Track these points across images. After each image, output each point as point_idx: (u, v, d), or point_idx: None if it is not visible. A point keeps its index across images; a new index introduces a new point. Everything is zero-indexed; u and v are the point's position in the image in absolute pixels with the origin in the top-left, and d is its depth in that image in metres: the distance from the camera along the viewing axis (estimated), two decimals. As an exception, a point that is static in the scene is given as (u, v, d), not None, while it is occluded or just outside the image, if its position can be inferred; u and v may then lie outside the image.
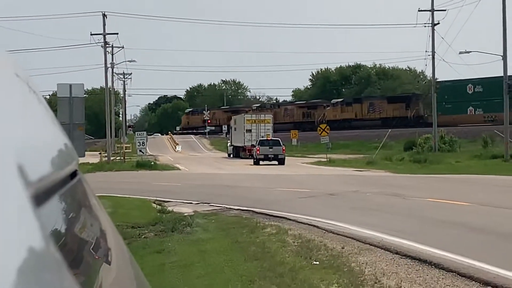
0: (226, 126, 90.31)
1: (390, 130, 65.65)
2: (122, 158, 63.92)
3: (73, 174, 1.33)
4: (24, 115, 1.18)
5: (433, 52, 60.96)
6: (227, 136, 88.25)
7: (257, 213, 19.79)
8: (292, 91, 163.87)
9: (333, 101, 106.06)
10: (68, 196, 1.23)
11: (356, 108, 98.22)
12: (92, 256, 1.18)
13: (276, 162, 56.39)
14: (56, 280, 0.93)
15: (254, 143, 65.80)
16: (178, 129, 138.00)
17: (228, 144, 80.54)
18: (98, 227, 1.35)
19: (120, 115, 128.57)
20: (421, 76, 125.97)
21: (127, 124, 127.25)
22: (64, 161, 1.28)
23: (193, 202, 23.78)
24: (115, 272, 1.28)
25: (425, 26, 61.50)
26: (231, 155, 75.90)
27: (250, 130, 71.45)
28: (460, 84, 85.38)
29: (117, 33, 72.03)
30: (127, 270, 1.46)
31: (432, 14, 60.66)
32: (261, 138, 63.52)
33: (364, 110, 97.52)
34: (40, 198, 1.00)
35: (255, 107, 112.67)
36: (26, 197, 0.94)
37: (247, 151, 69.13)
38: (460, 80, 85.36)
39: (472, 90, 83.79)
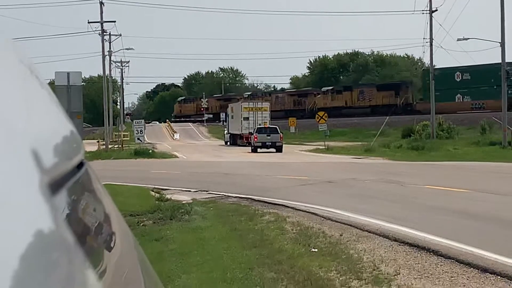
0: (224, 114, 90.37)
1: (387, 117, 65.69)
2: (120, 146, 63.94)
3: (81, 163, 1.33)
4: (32, 102, 1.17)
5: (431, 39, 60.93)
6: (224, 124, 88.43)
7: (255, 200, 19.80)
8: (290, 79, 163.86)
9: (324, 89, 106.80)
10: (79, 185, 1.23)
11: (346, 96, 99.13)
12: (96, 240, 1.18)
13: (274, 150, 56.53)
14: (67, 262, 0.94)
15: (251, 131, 66.07)
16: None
17: (225, 132, 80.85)
18: (103, 212, 1.35)
19: (118, 103, 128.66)
20: (419, 63, 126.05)
21: (125, 112, 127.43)
22: (73, 150, 1.28)
23: (191, 190, 23.79)
24: (120, 256, 1.29)
25: (423, 13, 61.51)
26: (228, 143, 76.14)
27: (247, 118, 71.69)
28: (448, 72, 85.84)
29: (114, 21, 72.24)
30: (132, 255, 1.47)
31: (430, 1, 60.62)
32: (258, 126, 63.54)
33: (354, 98, 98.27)
34: (54, 186, 1.01)
35: (247, 95, 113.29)
36: (41, 184, 0.94)
37: (244, 139, 69.27)
38: (448, 68, 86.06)
39: (460, 78, 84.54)
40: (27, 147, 0.97)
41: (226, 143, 77.51)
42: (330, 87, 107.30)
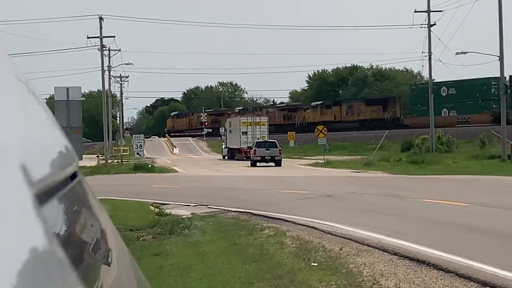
0: (223, 129, 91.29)
1: (387, 131, 65.73)
2: (119, 161, 63.90)
3: (73, 175, 1.34)
4: (25, 116, 1.18)
5: (430, 53, 60.99)
6: (222, 138, 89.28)
7: (255, 215, 19.78)
8: (289, 93, 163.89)
9: (313, 103, 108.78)
10: (69, 196, 1.24)
11: (335, 111, 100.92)
12: (92, 256, 1.18)
13: (273, 164, 56.63)
14: (59, 278, 0.94)
15: (250, 145, 66.95)
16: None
17: (223, 146, 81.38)
18: (99, 228, 1.35)
19: (118, 118, 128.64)
20: (418, 77, 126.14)
21: (124, 127, 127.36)
22: (64, 162, 1.29)
23: (191, 204, 23.77)
24: (115, 273, 1.29)
25: (421, 27, 61.56)
26: (226, 157, 76.67)
27: (246, 132, 72.29)
28: (434, 86, 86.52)
29: (114, 36, 72.18)
30: (128, 271, 1.46)
31: (429, 15, 60.69)
32: (257, 140, 63.84)
33: (343, 113, 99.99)
34: (42, 197, 1.02)
35: (238, 110, 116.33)
36: (30, 196, 0.96)
37: (243, 153, 69.93)
38: (434, 83, 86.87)
39: (446, 93, 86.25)
40: (15, 160, 0.98)
41: (224, 157, 78.01)
42: (320, 102, 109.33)
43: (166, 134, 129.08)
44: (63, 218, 1.12)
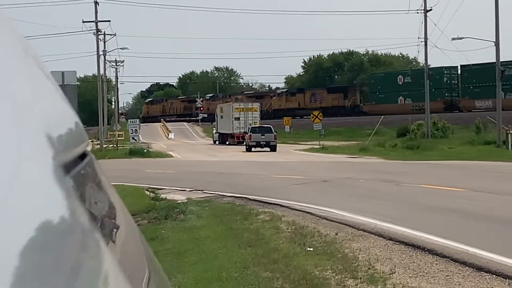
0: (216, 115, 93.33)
1: (383, 116, 65.80)
2: (114, 145, 63.85)
3: (84, 153, 1.35)
4: (40, 89, 1.19)
5: (426, 38, 60.97)
6: (213, 123, 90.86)
7: (250, 200, 19.78)
8: (285, 78, 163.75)
9: (278, 91, 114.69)
10: (84, 172, 1.25)
11: (299, 98, 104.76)
12: (106, 231, 1.19)
13: (268, 149, 56.76)
14: (85, 245, 0.98)
15: (242, 130, 69.72)
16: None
17: (214, 131, 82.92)
18: (111, 205, 1.37)
19: (113, 103, 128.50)
20: (414, 63, 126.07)
21: (120, 111, 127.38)
22: (79, 138, 1.30)
23: (186, 189, 23.76)
24: (126, 247, 1.30)
25: (417, 13, 61.53)
26: (217, 142, 77.98)
27: (238, 118, 73.64)
28: (391, 75, 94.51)
29: (109, 21, 72.10)
30: (138, 247, 1.48)
31: (425, 0, 60.62)
32: (253, 126, 64.20)
33: (307, 100, 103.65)
34: (66, 168, 1.05)
35: (208, 97, 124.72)
36: (57, 165, 0.98)
37: (235, 138, 71.59)
38: (391, 72, 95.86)
39: (402, 81, 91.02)
40: (41, 129, 1.01)
41: (214, 142, 79.54)
42: (285, 89, 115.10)
43: (162, 120, 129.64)
44: (80, 193, 1.13)
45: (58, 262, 0.85)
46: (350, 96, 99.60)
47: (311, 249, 11.90)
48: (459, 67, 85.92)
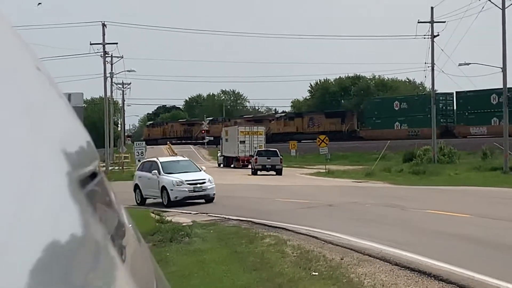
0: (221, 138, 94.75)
1: (389, 141, 65.79)
2: (120, 168, 63.88)
3: (95, 172, 1.36)
4: (54, 106, 1.20)
5: (433, 64, 60.95)
6: (217, 146, 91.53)
7: (256, 223, 19.75)
8: (291, 102, 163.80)
9: (277, 115, 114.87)
10: (95, 190, 1.26)
11: (298, 123, 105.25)
12: (117, 248, 1.20)
13: (274, 173, 56.76)
14: (102, 257, 1.02)
15: (247, 153, 69.96)
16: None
17: (219, 154, 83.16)
18: (120, 223, 1.37)
19: (119, 125, 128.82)
20: (420, 88, 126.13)
21: (126, 133, 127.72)
22: (91, 156, 1.31)
23: (191, 212, 23.75)
24: (135, 265, 1.32)
25: (424, 38, 61.52)
26: (221, 165, 77.91)
27: (243, 141, 73.80)
28: (387, 101, 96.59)
29: (116, 43, 72.24)
30: (148, 266, 1.49)
31: (432, 26, 60.68)
32: (259, 149, 64.36)
33: (305, 124, 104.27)
34: (80, 184, 1.08)
35: (208, 121, 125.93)
36: (73, 180, 1.01)
37: (240, 161, 72.01)
38: (387, 98, 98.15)
39: (398, 107, 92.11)
40: (58, 145, 1.03)
41: (219, 165, 79.41)
42: (283, 114, 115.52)
43: (168, 142, 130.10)
44: (93, 209, 1.15)
45: (73, 274, 0.87)
46: (347, 121, 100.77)
47: (316, 273, 11.85)
48: (454, 94, 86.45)
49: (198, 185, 27.89)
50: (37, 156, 0.92)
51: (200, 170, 30.35)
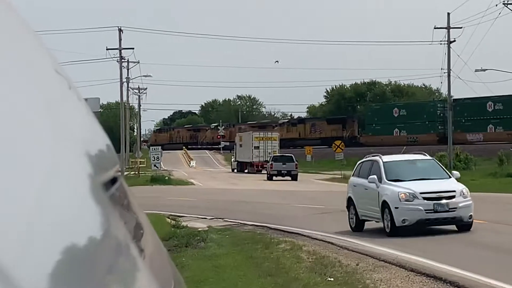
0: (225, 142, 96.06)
1: (405, 147, 65.61)
2: (136, 172, 64.04)
3: (115, 177, 1.38)
4: (74, 109, 1.22)
5: (449, 69, 60.78)
6: (231, 152, 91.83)
7: (271, 228, 19.76)
8: (307, 107, 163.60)
9: (280, 121, 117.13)
10: (116, 193, 1.27)
11: (300, 129, 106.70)
12: (136, 250, 1.22)
13: (289, 178, 56.71)
14: (125, 257, 1.04)
15: (261, 159, 70.85)
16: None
17: (232, 159, 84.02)
18: (138, 225, 1.39)
19: (135, 130, 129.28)
20: (436, 94, 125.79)
21: (142, 138, 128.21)
22: (112, 161, 1.33)
23: (207, 217, 23.78)
24: (153, 266, 1.33)
25: (441, 44, 61.41)
26: (235, 170, 78.58)
27: (258, 147, 74.40)
28: (387, 107, 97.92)
29: (133, 48, 72.46)
30: (167, 269, 1.52)
31: (448, 32, 60.53)
32: (274, 155, 64.55)
33: (307, 130, 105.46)
34: (104, 187, 1.10)
35: (213, 126, 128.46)
36: (97, 183, 1.02)
37: (254, 167, 72.54)
38: (387, 104, 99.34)
39: (398, 114, 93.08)
40: (81, 148, 1.05)
41: (233, 170, 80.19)
42: (286, 120, 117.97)
43: (183, 147, 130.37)
44: (114, 213, 1.16)
45: (96, 274, 0.89)
46: (348, 127, 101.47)
47: (332, 279, 11.84)
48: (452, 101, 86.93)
49: (443, 201, 18.05)
50: (62, 157, 0.94)
51: (450, 177, 20.15)
